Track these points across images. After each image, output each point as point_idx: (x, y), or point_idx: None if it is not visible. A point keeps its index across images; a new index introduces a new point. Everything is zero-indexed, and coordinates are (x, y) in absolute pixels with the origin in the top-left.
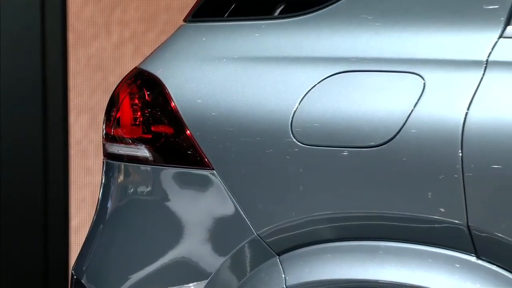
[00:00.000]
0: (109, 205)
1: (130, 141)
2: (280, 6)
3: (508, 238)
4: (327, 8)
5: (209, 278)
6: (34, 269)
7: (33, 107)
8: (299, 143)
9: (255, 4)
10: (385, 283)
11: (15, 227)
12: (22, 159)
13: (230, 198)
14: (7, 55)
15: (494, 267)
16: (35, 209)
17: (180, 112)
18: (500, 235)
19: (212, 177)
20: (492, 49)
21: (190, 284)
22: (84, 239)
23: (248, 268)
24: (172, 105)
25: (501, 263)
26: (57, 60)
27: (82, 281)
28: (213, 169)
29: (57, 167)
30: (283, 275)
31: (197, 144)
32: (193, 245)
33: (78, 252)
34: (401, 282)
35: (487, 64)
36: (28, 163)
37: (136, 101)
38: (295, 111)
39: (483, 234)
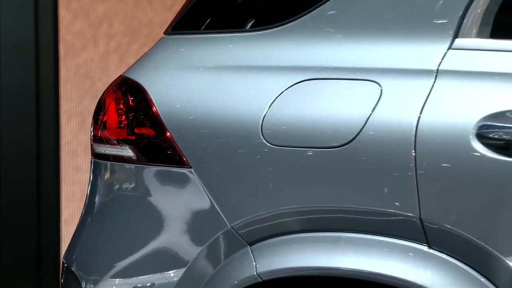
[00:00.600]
0: (96, 200)
1: (116, 142)
2: (251, 20)
3: (457, 230)
4: (293, 22)
5: (187, 266)
6: (28, 258)
7: (28, 112)
8: (268, 144)
9: (229, 19)
10: (346, 270)
11: (11, 219)
12: (18, 158)
13: (206, 194)
14: (5, 65)
15: (444, 256)
16: (30, 203)
17: (161, 116)
18: (449, 226)
19: (190, 175)
20: (442, 59)
21: (170, 272)
22: (73, 231)
23: (223, 257)
24: (153, 110)
25: (450, 252)
26: (50, 69)
27: (72, 268)
28: (190, 167)
29: (50, 166)
30: (254, 263)
31: (176, 145)
32: (173, 236)
33: (69, 242)
34: (360, 269)
35: (437, 73)
36: (23, 161)
37: (121, 106)
38: (264, 115)
39: (434, 226)
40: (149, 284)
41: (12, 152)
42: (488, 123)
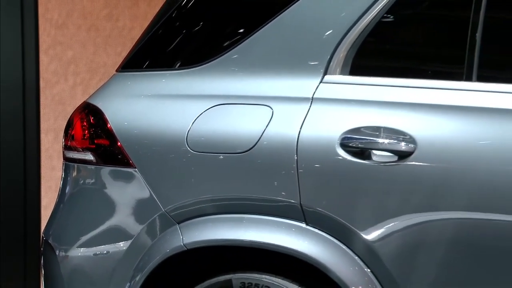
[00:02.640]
0: (66, 191)
1: (81, 150)
2: (178, 62)
3: (326, 212)
4: (208, 63)
5: (133, 239)
6: (17, 234)
7: (18, 128)
8: (191, 150)
9: (162, 61)
10: (247, 241)
11: (4, 206)
12: (10, 161)
13: (146, 187)
14: (2, 95)
15: (317, 231)
16: (18, 193)
17: (114, 131)
18: (321, 209)
19: (135, 173)
20: (316, 89)
21: (120, 243)
22: (50, 214)
23: (158, 232)
24: (108, 126)
25: (322, 228)
26: (33, 98)
27: (49, 241)
28: (135, 168)
29: (33, 166)
30: (181, 236)
31: (125, 152)
32: (122, 217)
33: (47, 222)
34: (257, 240)
35: (312, 100)
36: (14, 163)
37: (85, 123)
38: (189, 129)
39: (310, 209)
40: (105, 252)
41: (5, 157)
42: (348, 135)
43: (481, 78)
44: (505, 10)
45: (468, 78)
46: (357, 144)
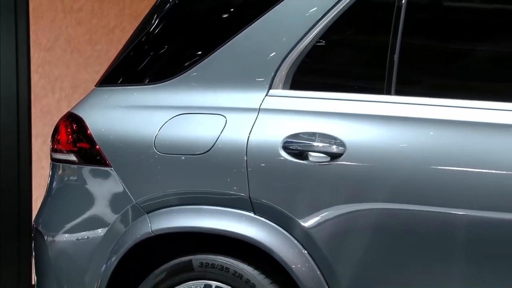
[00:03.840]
0: (53, 186)
1: (65, 152)
2: (147, 78)
3: (270, 203)
4: (172, 80)
5: (109, 226)
6: (12, 223)
7: (13, 134)
8: (158, 152)
9: (134, 77)
10: (204, 228)
11: (1, 198)
12: (5, 162)
13: (121, 183)
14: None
15: (263, 219)
16: (12, 188)
17: (93, 136)
18: (266, 201)
19: (111, 171)
20: (262, 101)
21: (98, 229)
22: (40, 205)
23: (130, 221)
24: (88, 132)
25: (267, 217)
26: (25, 109)
27: (39, 228)
28: (111, 167)
29: (25, 166)
30: (149, 224)
31: (102, 153)
32: (100, 209)
33: (37, 212)
34: (213, 227)
35: (259, 110)
36: (8, 164)
37: (69, 129)
38: (156, 135)
39: (257, 201)
40: (86, 237)
41: (2, 158)
42: (289, 140)
43: (399, 92)
44: (418, 37)
45: (388, 92)
46: (296, 147)
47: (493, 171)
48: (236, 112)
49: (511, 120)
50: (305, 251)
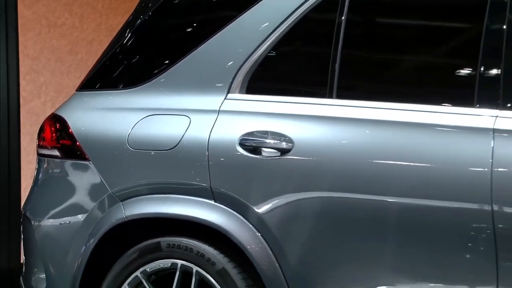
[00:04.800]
0: (39, 178)
1: (50, 148)
2: (121, 84)
3: (228, 192)
4: (142, 85)
5: (88, 212)
6: (3, 210)
7: (3, 133)
8: (131, 148)
9: (109, 83)
10: (170, 213)
11: None
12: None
13: (98, 175)
14: None
15: (223, 206)
16: (4, 180)
17: (74, 134)
18: (224, 190)
19: (90, 165)
20: (221, 104)
21: (78, 215)
22: (28, 194)
23: (106, 208)
24: (70, 131)
25: (226, 204)
26: (15, 111)
27: (27, 214)
28: (90, 161)
29: (15, 160)
30: (123, 211)
31: (82, 149)
32: (80, 197)
33: (25, 200)
34: (177, 213)
35: (219, 111)
36: (1, 158)
37: (53, 128)
38: (129, 133)
39: (217, 191)
40: (68, 222)
41: None
42: (245, 137)
43: (339, 96)
44: (355, 49)
45: (330, 96)
46: (251, 143)
47: (418, 164)
48: (198, 113)
49: (432, 120)
50: (259, 234)
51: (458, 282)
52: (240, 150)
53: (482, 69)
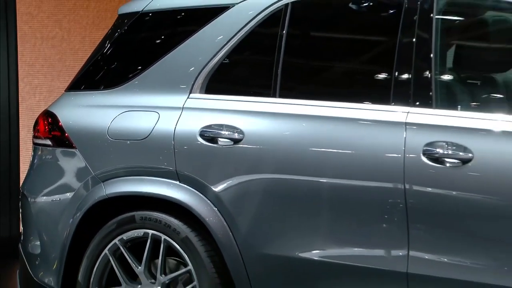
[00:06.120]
0: (35, 162)
1: (43, 138)
2: (102, 85)
3: (191, 174)
4: (120, 86)
5: (75, 191)
6: (5, 190)
7: (5, 126)
8: (110, 138)
9: (92, 85)
10: (144, 192)
11: None
12: (1, 145)
13: (84, 160)
14: None
15: (186, 186)
16: (5, 165)
17: (63, 126)
18: (188, 173)
19: (76, 152)
20: (185, 102)
21: (67, 193)
22: (25, 176)
23: (90, 187)
24: (60, 124)
25: (189, 184)
26: (14, 108)
27: (24, 192)
28: (76, 149)
29: (15, 148)
30: (104, 190)
31: (70, 139)
32: (68, 179)
33: (23, 181)
34: (149, 191)
35: (183, 108)
36: (3, 147)
37: (46, 122)
38: (109, 126)
39: (181, 173)
40: (58, 199)
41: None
42: (204, 129)
43: (281, 95)
44: (294, 57)
45: (274, 96)
46: (209, 134)
47: (345, 151)
48: (166, 110)
49: (356, 115)
50: (215, 208)
51: (378, 247)
52: (200, 140)
53: (396, 74)
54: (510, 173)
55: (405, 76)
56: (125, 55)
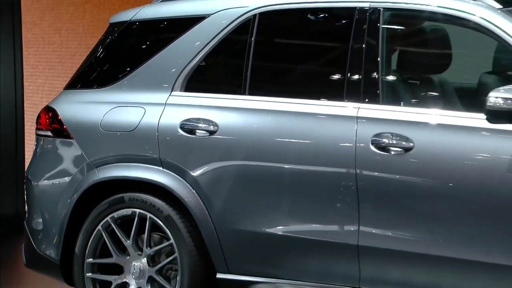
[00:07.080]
0: (37, 151)
1: (44, 130)
2: (95, 84)
3: (173, 161)
4: (112, 85)
5: (72, 176)
6: (12, 174)
7: (12, 120)
8: (103, 130)
9: (87, 84)
10: (131, 177)
11: (4, 159)
12: (7, 137)
13: (80, 149)
14: (3, 107)
15: (168, 171)
16: (12, 153)
17: (62, 120)
18: (170, 160)
19: (74, 142)
20: (167, 99)
21: (65, 178)
22: (29, 162)
23: (85, 172)
24: (59, 118)
25: (171, 169)
26: (20, 104)
27: (28, 176)
28: (73, 139)
29: (21, 139)
30: (97, 174)
31: (68, 131)
32: (66, 165)
33: (27, 166)
34: (137, 176)
35: (165, 104)
36: (9, 138)
37: (47, 116)
38: (101, 119)
39: (164, 160)
40: (58, 182)
41: (5, 135)
42: (184, 122)
43: (251, 93)
44: (262, 60)
45: (244, 93)
46: (188, 127)
47: (304, 141)
48: (151, 106)
49: (314, 110)
50: (194, 191)
51: (333, 223)
52: (181, 131)
53: (348, 74)
54: (445, 159)
55: (356, 76)
56: (116, 59)
